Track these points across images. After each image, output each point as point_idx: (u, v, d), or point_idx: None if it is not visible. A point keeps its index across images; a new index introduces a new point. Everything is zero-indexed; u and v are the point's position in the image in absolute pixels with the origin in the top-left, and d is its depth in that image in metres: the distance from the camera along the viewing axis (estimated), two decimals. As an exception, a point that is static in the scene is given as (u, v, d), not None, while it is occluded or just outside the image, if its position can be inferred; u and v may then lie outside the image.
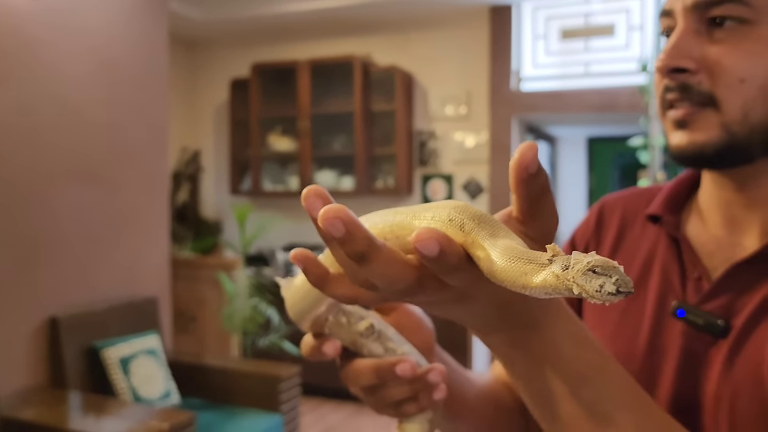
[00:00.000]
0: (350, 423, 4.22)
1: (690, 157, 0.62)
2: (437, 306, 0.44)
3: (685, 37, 0.61)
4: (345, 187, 4.86)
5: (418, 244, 0.35)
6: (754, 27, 0.59)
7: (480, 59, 4.67)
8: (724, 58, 0.59)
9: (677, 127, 0.63)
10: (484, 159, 4.70)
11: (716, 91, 0.60)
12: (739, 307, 0.61)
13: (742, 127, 0.60)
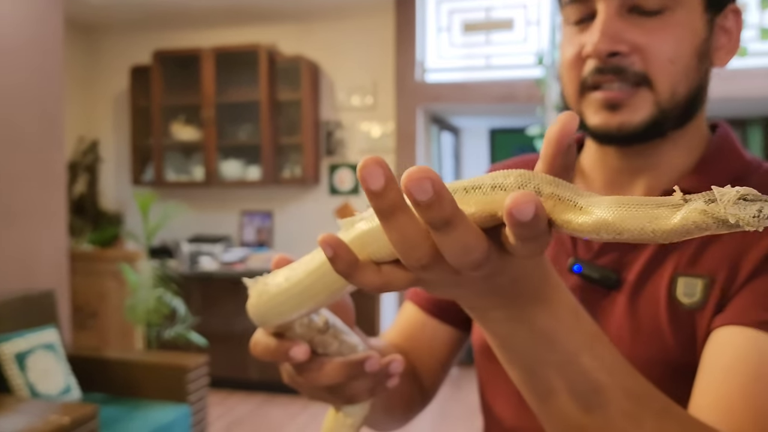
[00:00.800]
0: (259, 414, 4.21)
1: (616, 136, 0.68)
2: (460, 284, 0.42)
3: (613, 22, 0.65)
4: (251, 177, 4.82)
5: (514, 209, 0.34)
6: (673, 13, 0.65)
7: (385, 50, 4.75)
8: (654, 41, 0.65)
9: (607, 108, 0.67)
10: (391, 148, 4.78)
11: (649, 71, 0.65)
12: (628, 262, 0.68)
13: (669, 104, 0.66)
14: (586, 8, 0.67)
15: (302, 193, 5.03)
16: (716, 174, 0.69)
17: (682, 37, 0.66)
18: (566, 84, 0.72)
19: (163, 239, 4.97)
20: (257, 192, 5.11)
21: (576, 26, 0.69)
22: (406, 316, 0.86)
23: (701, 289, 0.64)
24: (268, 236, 5.10)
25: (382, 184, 0.35)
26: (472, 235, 0.36)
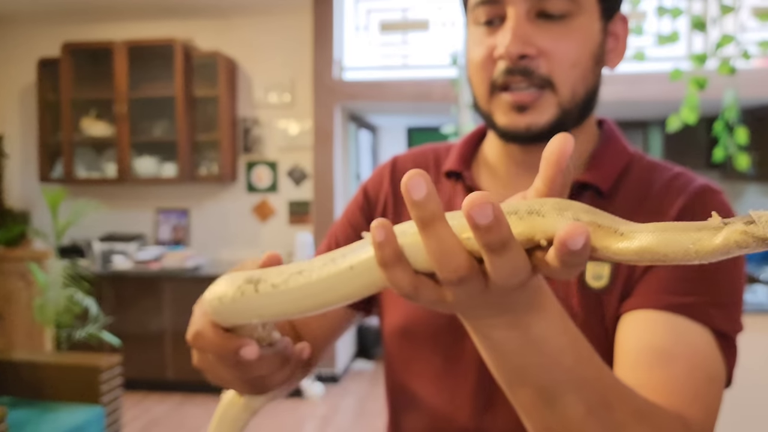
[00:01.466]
0: (176, 414, 4.14)
1: (523, 136, 0.72)
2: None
3: (523, 25, 0.69)
4: (167, 174, 4.73)
5: (568, 240, 0.36)
6: (575, 19, 0.70)
7: (303, 48, 4.76)
8: (558, 46, 0.69)
9: (515, 110, 0.71)
10: (308, 146, 4.80)
11: (553, 74, 0.70)
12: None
13: (570, 105, 0.72)
14: (495, 10, 0.70)
15: (219, 191, 4.98)
16: (607, 168, 0.76)
17: (583, 42, 0.71)
18: (476, 84, 0.75)
19: (73, 238, 4.80)
20: (173, 189, 5.02)
21: (484, 28, 0.72)
22: None
23: (608, 273, 0.70)
24: (184, 234, 5.01)
25: (424, 194, 0.38)
26: (522, 258, 0.39)
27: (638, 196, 0.74)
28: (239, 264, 0.57)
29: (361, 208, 0.88)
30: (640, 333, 0.64)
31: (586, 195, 0.75)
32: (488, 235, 0.37)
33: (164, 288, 4.48)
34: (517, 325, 0.47)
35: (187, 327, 0.60)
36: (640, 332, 0.65)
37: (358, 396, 4.52)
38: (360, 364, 5.22)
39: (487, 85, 0.73)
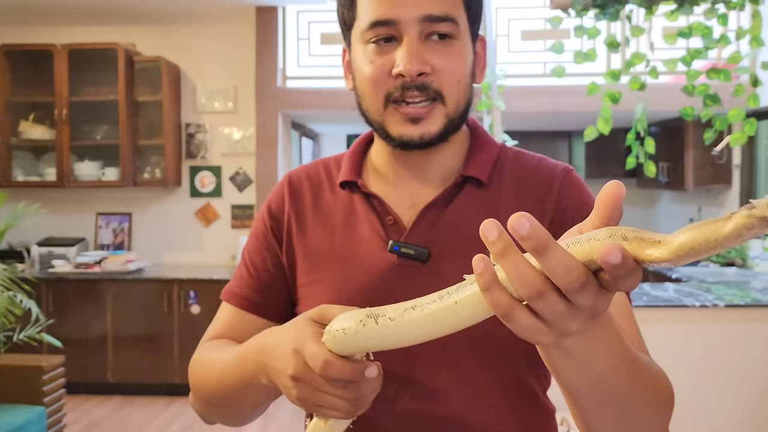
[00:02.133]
0: (118, 416, 4.17)
1: (417, 144, 0.81)
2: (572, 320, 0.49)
3: (418, 46, 0.77)
4: (109, 178, 4.75)
5: (606, 256, 0.43)
6: (457, 41, 0.80)
7: (247, 56, 4.88)
8: (446, 64, 0.79)
9: (410, 122, 0.80)
10: (251, 152, 4.91)
11: (443, 89, 0.79)
12: (432, 238, 0.83)
13: (455, 115, 0.82)
14: (388, 31, 0.78)
15: (162, 195, 5.03)
16: (483, 161, 0.87)
17: (463, 61, 0.81)
18: (370, 97, 0.82)
19: (10, 242, 4.76)
20: (115, 194, 5.04)
21: (374, 47, 0.80)
22: (224, 315, 0.94)
23: None
24: (126, 238, 5.04)
25: (497, 235, 0.46)
26: (569, 257, 0.45)
27: (514, 181, 0.87)
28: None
29: (271, 229, 0.92)
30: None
31: (469, 186, 0.86)
32: (529, 241, 0.45)
33: (106, 291, 4.51)
34: (594, 336, 0.54)
35: (128, 329, 0.75)
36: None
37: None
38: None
39: (382, 99, 0.80)
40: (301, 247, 0.90)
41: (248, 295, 0.92)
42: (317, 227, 0.90)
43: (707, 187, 5.10)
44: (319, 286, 0.87)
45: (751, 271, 4.51)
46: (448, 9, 0.78)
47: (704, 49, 3.20)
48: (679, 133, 5.17)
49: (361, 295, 0.82)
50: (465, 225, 0.81)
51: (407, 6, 0.77)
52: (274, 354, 0.68)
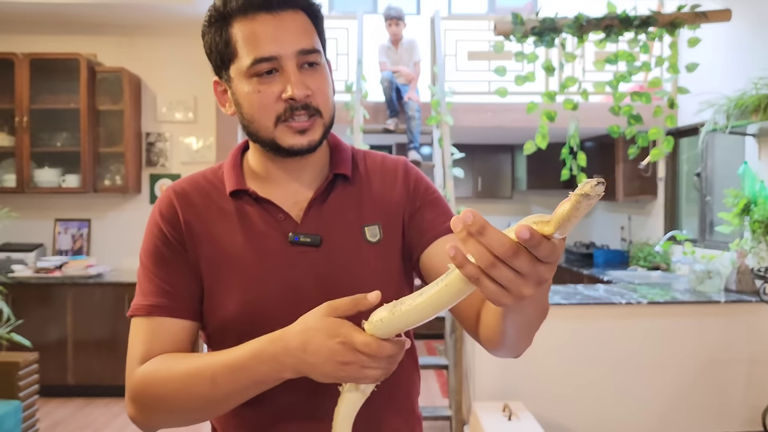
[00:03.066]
0: (79, 416, 4.29)
1: (305, 150, 0.97)
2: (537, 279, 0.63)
3: (299, 75, 0.94)
4: (70, 185, 4.86)
5: (518, 233, 0.58)
6: (321, 66, 0.97)
7: (207, 69, 5.03)
8: (320, 86, 0.96)
9: (299, 133, 0.95)
10: (211, 161, 5.11)
11: (320, 106, 0.96)
12: (320, 226, 1.00)
13: (328, 125, 0.99)
14: (274, 64, 0.93)
15: (122, 202, 5.16)
16: (344, 161, 1.06)
17: (328, 82, 0.99)
18: (260, 119, 0.96)
19: (-34, 248, 4.81)
20: (74, 200, 5.14)
21: (257, 79, 0.94)
22: (140, 332, 0.97)
23: (379, 230, 1.03)
24: (85, 244, 5.14)
25: (461, 227, 0.61)
26: (500, 234, 0.61)
27: (370, 175, 1.07)
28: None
29: (170, 235, 1.00)
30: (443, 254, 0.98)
31: (339, 182, 1.05)
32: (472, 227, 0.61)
33: (66, 295, 4.61)
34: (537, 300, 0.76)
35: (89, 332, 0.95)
36: (443, 254, 0.99)
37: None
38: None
39: (272, 120, 0.95)
40: (202, 251, 1.00)
41: (159, 302, 0.97)
42: (214, 234, 1.00)
43: (635, 197, 5.56)
44: (230, 284, 0.98)
45: (673, 274, 4.97)
46: (313, 42, 0.96)
47: (628, 74, 3.62)
48: (611, 149, 5.63)
49: (269, 281, 0.97)
50: (341, 213, 1.02)
51: (285, 44, 0.93)
52: (307, 354, 0.79)
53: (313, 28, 0.97)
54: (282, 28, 0.93)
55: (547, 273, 0.63)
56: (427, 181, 1.10)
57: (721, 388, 3.72)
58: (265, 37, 0.93)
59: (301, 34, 0.94)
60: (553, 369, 3.58)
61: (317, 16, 0.99)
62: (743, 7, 3.98)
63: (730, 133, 3.79)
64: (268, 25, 0.93)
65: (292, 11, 0.95)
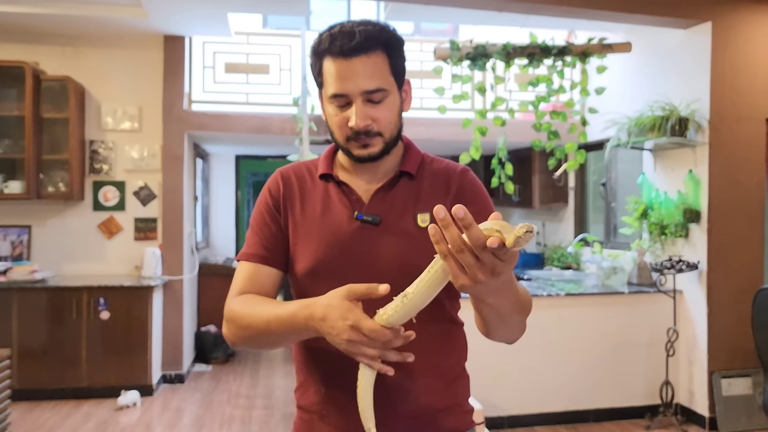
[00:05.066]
0: (27, 418, 4.34)
1: (366, 159, 1.20)
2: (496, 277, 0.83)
3: (362, 108, 1.15)
4: (12, 191, 4.89)
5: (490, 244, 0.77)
6: (388, 98, 1.18)
7: (154, 80, 5.25)
8: (381, 116, 1.17)
9: (362, 147, 1.18)
10: (156, 169, 5.27)
11: (381, 130, 1.18)
12: (382, 210, 1.21)
13: (389, 141, 1.21)
14: (346, 99, 1.17)
15: (65, 209, 5.22)
16: (412, 162, 1.27)
17: (393, 110, 1.20)
18: (337, 134, 1.21)
19: None
20: (13, 207, 5.16)
21: (337, 107, 1.19)
22: (243, 272, 1.24)
23: (429, 218, 1.21)
24: (25, 250, 5.17)
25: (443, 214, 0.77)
26: (480, 232, 0.77)
27: (431, 176, 1.27)
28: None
29: (273, 206, 1.27)
30: None
31: (404, 178, 1.26)
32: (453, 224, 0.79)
33: (12, 300, 4.66)
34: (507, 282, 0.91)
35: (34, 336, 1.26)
36: None
37: (204, 391, 5.06)
38: (199, 367, 5.73)
39: (344, 137, 1.20)
40: (293, 220, 1.25)
41: (260, 252, 1.24)
42: (304, 205, 1.26)
43: (549, 205, 6.18)
44: (307, 244, 1.22)
45: (583, 272, 5.58)
46: (379, 83, 1.16)
47: (547, 95, 4.16)
48: (528, 161, 6.22)
49: (336, 247, 1.20)
50: (402, 201, 1.23)
51: (353, 85, 1.15)
52: (325, 324, 0.98)
53: (385, 66, 1.17)
54: (352, 72, 1.14)
55: (500, 267, 0.83)
56: (477, 187, 1.28)
57: (625, 367, 4.31)
58: (340, 78, 1.15)
59: (367, 77, 1.14)
60: (486, 354, 4.04)
61: (395, 49, 1.19)
62: (642, 41, 4.63)
63: (630, 148, 4.40)
64: (343, 68, 1.14)
65: (365, 56, 1.14)
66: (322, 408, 1.22)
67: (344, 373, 1.12)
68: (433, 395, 1.21)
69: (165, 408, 4.62)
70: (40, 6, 4.54)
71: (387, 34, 1.17)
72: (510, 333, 1.16)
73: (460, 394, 1.27)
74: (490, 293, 0.90)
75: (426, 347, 1.16)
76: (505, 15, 4.06)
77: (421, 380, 1.19)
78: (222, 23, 4.84)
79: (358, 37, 1.13)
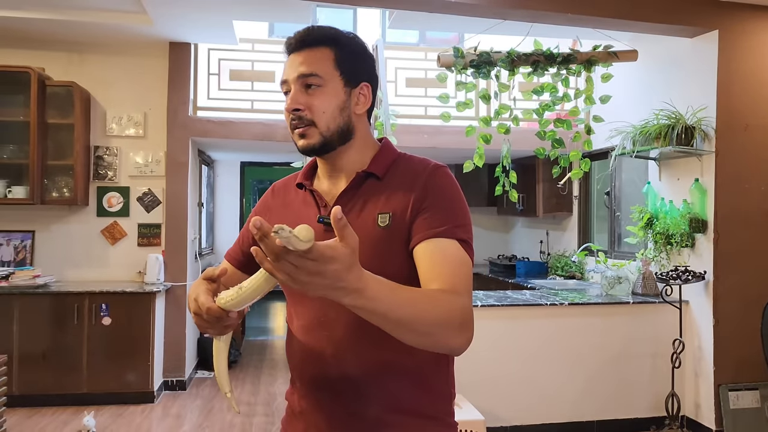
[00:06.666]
0: (27, 423, 4.32)
1: (308, 151, 1.21)
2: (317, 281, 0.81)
3: (296, 93, 1.18)
4: (17, 196, 4.90)
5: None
6: (324, 88, 1.19)
7: (159, 86, 5.27)
8: (314, 102, 1.18)
9: (300, 137, 1.19)
10: (160, 175, 5.28)
11: (314, 118, 1.19)
12: (346, 212, 1.18)
13: (327, 134, 1.20)
14: (287, 86, 1.21)
15: (69, 215, 5.23)
16: (381, 162, 1.25)
17: (330, 101, 1.20)
18: (287, 123, 1.23)
19: None
20: (18, 212, 5.17)
21: (285, 95, 1.23)
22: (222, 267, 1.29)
23: (389, 218, 1.18)
24: (28, 255, 5.18)
25: (258, 226, 0.75)
26: (275, 244, 0.76)
27: (400, 175, 1.24)
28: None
29: (259, 213, 1.36)
30: (428, 252, 1.13)
31: (371, 180, 1.24)
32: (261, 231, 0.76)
33: (13, 305, 4.65)
34: (352, 294, 0.85)
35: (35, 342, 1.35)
36: (425, 253, 1.13)
37: (205, 398, 5.03)
38: (201, 374, 5.71)
39: (289, 125, 1.22)
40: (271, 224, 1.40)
41: (236, 256, 1.38)
42: (284, 215, 1.32)
43: (553, 214, 6.15)
44: None
45: (587, 282, 5.54)
46: (314, 70, 1.19)
47: (552, 103, 4.13)
48: (532, 170, 6.19)
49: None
50: (365, 203, 1.22)
51: (292, 71, 1.20)
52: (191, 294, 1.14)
53: (328, 59, 1.21)
54: (295, 61, 1.21)
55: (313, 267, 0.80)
56: (445, 188, 1.21)
57: (630, 379, 4.26)
58: (286, 68, 1.23)
59: (306, 64, 1.19)
60: (488, 363, 4.00)
61: (343, 46, 1.23)
62: (648, 49, 4.61)
63: (635, 156, 4.37)
64: (290, 60, 1.22)
65: (308, 49, 1.20)
66: (301, 405, 1.26)
67: (322, 374, 1.19)
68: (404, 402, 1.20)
69: (165, 414, 4.60)
70: (46, 12, 4.56)
71: (335, 33, 1.23)
72: (407, 339, 0.98)
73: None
74: (331, 294, 0.85)
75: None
76: (510, 24, 4.04)
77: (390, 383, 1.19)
78: (227, 31, 4.85)
79: (305, 34, 1.21)
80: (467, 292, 1.08)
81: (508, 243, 7.74)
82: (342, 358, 1.17)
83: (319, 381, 1.20)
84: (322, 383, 1.20)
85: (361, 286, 0.86)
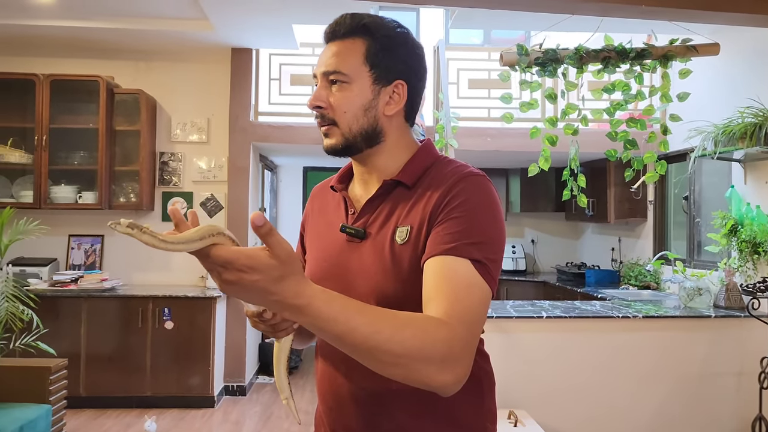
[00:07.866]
0: (92, 425, 4.40)
1: (331, 151, 1.13)
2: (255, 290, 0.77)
3: (320, 90, 1.11)
4: (86, 201, 5.02)
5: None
6: (349, 85, 1.09)
7: (221, 92, 5.30)
8: (336, 101, 1.10)
9: (324, 136, 1.12)
10: (222, 180, 5.30)
11: (335, 117, 1.10)
12: (370, 222, 1.13)
13: (350, 135, 1.11)
14: (316, 80, 1.13)
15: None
16: (413, 169, 1.14)
17: (353, 100, 1.10)
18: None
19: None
20: (88, 216, 5.30)
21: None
22: None
23: (407, 233, 1.07)
24: (98, 259, 5.29)
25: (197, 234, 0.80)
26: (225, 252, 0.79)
27: (429, 183, 1.12)
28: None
29: (302, 222, 1.34)
30: (432, 271, 0.99)
31: (400, 188, 1.14)
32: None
33: (81, 308, 4.76)
34: (289, 309, 0.79)
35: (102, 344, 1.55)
36: (431, 271, 0.99)
37: (264, 404, 5.00)
38: (262, 379, 5.71)
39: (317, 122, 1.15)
40: (307, 235, 1.29)
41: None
42: (316, 216, 1.27)
43: (626, 219, 5.82)
44: (309, 259, 1.24)
45: (663, 292, 5.21)
46: (338, 67, 1.09)
47: (624, 102, 3.87)
48: (602, 173, 5.90)
49: (325, 262, 1.18)
50: (388, 214, 1.12)
51: (319, 64, 1.12)
52: None
53: (358, 52, 1.10)
54: (326, 54, 1.12)
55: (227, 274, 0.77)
56: (470, 198, 1.06)
57: (711, 400, 3.94)
58: (319, 59, 1.14)
59: (332, 60, 1.10)
60: (553, 378, 3.78)
61: (377, 38, 1.11)
62: (731, 42, 4.28)
63: (717, 158, 4.06)
64: (323, 52, 1.14)
65: (340, 41, 1.11)
66: (321, 413, 1.23)
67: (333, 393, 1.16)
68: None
69: (224, 420, 4.59)
70: (114, 22, 4.66)
71: (370, 21, 1.12)
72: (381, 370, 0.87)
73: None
74: (271, 307, 0.83)
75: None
76: (578, 19, 3.81)
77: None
78: (287, 35, 4.82)
79: (338, 23, 1.12)
80: (465, 322, 0.91)
81: (577, 250, 7.42)
82: (351, 378, 1.12)
83: (332, 400, 1.17)
84: (335, 403, 1.16)
85: (301, 302, 0.78)
